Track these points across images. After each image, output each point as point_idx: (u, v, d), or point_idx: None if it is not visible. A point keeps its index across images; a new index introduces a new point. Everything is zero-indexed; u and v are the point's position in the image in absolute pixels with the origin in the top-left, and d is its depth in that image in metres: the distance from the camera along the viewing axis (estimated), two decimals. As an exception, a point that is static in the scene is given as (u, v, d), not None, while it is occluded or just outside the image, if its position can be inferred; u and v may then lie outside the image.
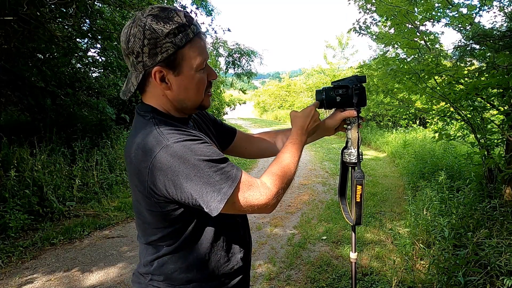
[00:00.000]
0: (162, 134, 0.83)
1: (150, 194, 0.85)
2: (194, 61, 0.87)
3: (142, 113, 0.93)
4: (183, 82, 0.88)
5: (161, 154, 0.80)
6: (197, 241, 0.93)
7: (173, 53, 0.84)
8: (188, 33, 0.84)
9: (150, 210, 0.89)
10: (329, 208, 4.61)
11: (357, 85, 1.02)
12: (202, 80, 0.91)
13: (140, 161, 0.83)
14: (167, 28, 0.82)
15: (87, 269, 3.01)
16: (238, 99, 22.22)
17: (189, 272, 0.94)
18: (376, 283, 2.71)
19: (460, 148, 5.45)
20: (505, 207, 2.89)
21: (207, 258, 0.94)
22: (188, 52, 0.85)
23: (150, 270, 0.96)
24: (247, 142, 1.29)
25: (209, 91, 0.96)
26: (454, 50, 3.41)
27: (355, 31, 4.61)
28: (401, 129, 10.21)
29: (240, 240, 1.03)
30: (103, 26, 5.01)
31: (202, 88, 0.92)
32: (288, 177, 0.93)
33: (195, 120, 1.07)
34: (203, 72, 0.91)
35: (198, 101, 0.94)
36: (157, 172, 0.81)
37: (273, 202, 0.87)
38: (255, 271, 2.96)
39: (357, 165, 1.05)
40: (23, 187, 3.95)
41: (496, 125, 3.20)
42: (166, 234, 0.92)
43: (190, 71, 0.87)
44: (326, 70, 16.39)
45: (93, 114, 6.45)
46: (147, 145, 0.83)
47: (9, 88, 5.39)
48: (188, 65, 0.86)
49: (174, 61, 0.85)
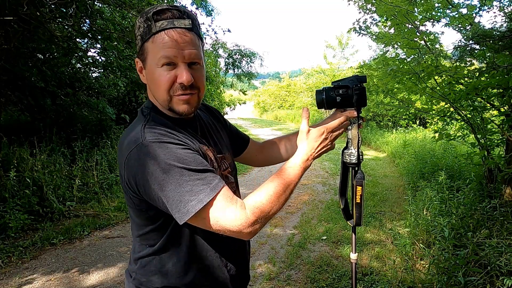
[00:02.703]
0: (143, 132, 0.83)
1: (126, 189, 0.86)
2: (155, 55, 0.85)
3: (143, 109, 0.94)
4: (148, 76, 0.90)
5: (134, 151, 0.80)
6: (178, 246, 0.90)
7: (141, 45, 0.87)
8: (151, 26, 0.84)
9: (129, 206, 0.91)
10: (329, 208, 4.61)
11: (357, 85, 1.01)
12: (163, 78, 0.85)
13: (121, 156, 0.85)
14: (139, 21, 0.87)
15: (87, 269, 3.01)
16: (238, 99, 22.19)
17: (166, 278, 0.92)
18: (376, 283, 2.71)
19: (460, 148, 5.45)
20: (505, 207, 2.89)
21: (186, 267, 0.91)
22: (151, 46, 0.85)
23: (134, 268, 0.96)
24: (258, 151, 1.28)
25: (181, 95, 0.87)
26: (454, 50, 3.41)
27: (355, 31, 4.62)
28: (401, 129, 10.21)
29: (229, 253, 0.97)
30: (103, 26, 5.00)
31: (164, 87, 0.86)
32: (278, 204, 0.84)
33: (202, 124, 1.04)
34: (168, 69, 0.85)
35: (164, 100, 0.88)
36: (130, 168, 0.81)
37: (249, 231, 0.80)
38: (255, 271, 2.96)
39: (357, 165, 1.05)
40: (23, 187, 3.95)
41: (496, 125, 3.20)
42: (147, 232, 0.91)
43: (152, 65, 0.86)
44: (326, 70, 16.37)
45: (93, 114, 6.45)
46: (128, 140, 0.84)
47: (9, 88, 5.39)
48: (150, 58, 0.86)
49: (143, 54, 0.88)
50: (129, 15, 5.21)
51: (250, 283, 2.71)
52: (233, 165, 1.11)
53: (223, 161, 1.02)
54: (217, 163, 0.98)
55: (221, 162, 1.00)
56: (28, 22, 4.09)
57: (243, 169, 6.99)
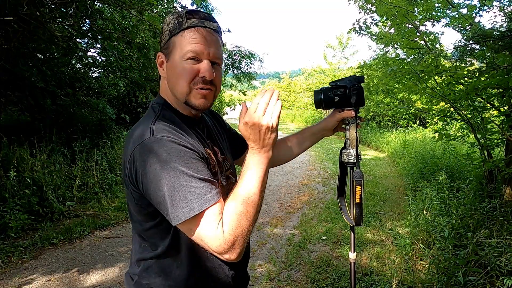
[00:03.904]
0: (152, 128, 0.83)
1: (127, 182, 0.86)
2: (180, 49, 0.88)
3: (154, 104, 0.96)
4: (170, 68, 0.91)
5: (141, 146, 0.81)
6: (181, 248, 0.90)
7: (168, 39, 0.90)
8: (182, 22, 0.88)
9: (129, 200, 0.90)
10: (329, 208, 4.61)
11: (355, 85, 1.02)
12: (187, 70, 0.87)
13: (126, 149, 0.85)
14: (170, 18, 0.90)
15: (87, 269, 3.01)
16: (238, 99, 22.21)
17: (169, 280, 0.91)
18: (376, 283, 2.71)
19: (460, 148, 5.45)
20: (505, 207, 2.89)
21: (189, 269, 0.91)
22: (179, 39, 0.88)
23: (136, 271, 0.95)
24: None
25: (200, 88, 0.88)
26: (454, 50, 3.41)
27: (355, 31, 4.61)
28: (401, 129, 10.21)
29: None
30: (103, 26, 5.00)
31: (186, 79, 0.87)
32: (252, 214, 0.80)
33: (207, 125, 1.05)
34: (192, 63, 0.87)
35: (183, 92, 0.89)
36: (134, 161, 0.81)
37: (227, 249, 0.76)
38: (255, 271, 2.96)
39: (356, 165, 1.05)
40: (23, 187, 3.95)
41: (496, 125, 3.20)
42: (148, 229, 0.91)
43: (177, 58, 0.88)
44: (326, 70, 16.39)
45: (93, 114, 6.45)
46: (136, 134, 0.85)
47: (9, 88, 5.39)
48: (176, 51, 0.88)
49: (168, 48, 0.90)
50: (129, 15, 5.20)
51: (250, 283, 2.71)
52: (234, 166, 1.12)
53: (225, 161, 1.03)
54: (221, 163, 0.99)
55: (224, 163, 1.02)
56: (28, 22, 4.09)
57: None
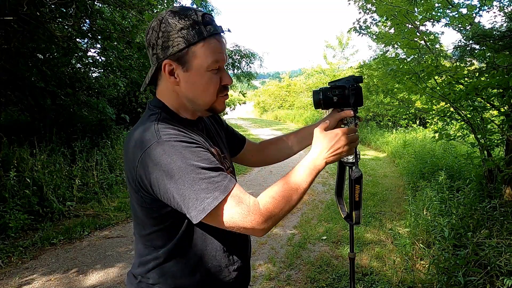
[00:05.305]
0: (158, 131, 0.83)
1: (137, 188, 0.85)
2: (205, 59, 0.86)
3: (151, 107, 0.94)
4: (191, 79, 0.88)
5: (151, 150, 0.80)
6: (188, 248, 0.91)
7: (183, 48, 0.85)
8: (201, 31, 0.85)
9: (139, 205, 0.89)
10: (329, 208, 4.61)
11: (353, 85, 1.02)
12: (213, 81, 0.89)
13: (132, 154, 0.84)
14: (181, 23, 0.84)
15: (87, 269, 3.02)
16: (238, 99, 22.22)
17: (174, 280, 0.92)
18: (376, 283, 2.71)
19: (460, 148, 5.45)
20: (505, 207, 2.89)
21: (195, 269, 0.92)
22: (200, 50, 0.86)
23: (141, 271, 0.95)
24: (254, 152, 1.30)
25: (224, 95, 0.94)
26: (454, 50, 3.41)
27: (355, 31, 4.62)
28: (401, 129, 10.20)
29: (236, 251, 0.99)
30: (103, 26, 5.00)
31: (213, 89, 0.90)
32: (289, 204, 0.85)
33: (205, 125, 1.06)
34: (215, 73, 0.89)
35: (209, 102, 0.92)
36: (144, 166, 0.81)
37: (262, 228, 0.81)
38: (255, 271, 2.96)
39: (354, 164, 1.05)
40: (23, 187, 3.95)
41: (496, 125, 3.20)
42: (153, 232, 0.91)
43: (200, 69, 0.87)
44: (326, 70, 16.40)
45: (93, 114, 6.45)
46: (141, 139, 0.84)
47: (9, 88, 5.39)
48: (198, 62, 0.86)
49: (184, 57, 0.86)
50: (129, 15, 5.21)
51: (250, 283, 2.71)
52: (233, 165, 1.13)
53: (225, 160, 1.04)
54: (221, 162, 0.99)
55: (224, 161, 1.02)
56: (28, 22, 4.09)
57: (243, 169, 7.00)
